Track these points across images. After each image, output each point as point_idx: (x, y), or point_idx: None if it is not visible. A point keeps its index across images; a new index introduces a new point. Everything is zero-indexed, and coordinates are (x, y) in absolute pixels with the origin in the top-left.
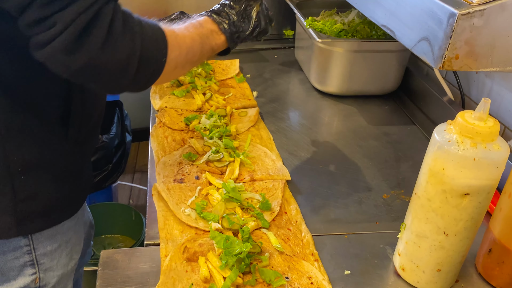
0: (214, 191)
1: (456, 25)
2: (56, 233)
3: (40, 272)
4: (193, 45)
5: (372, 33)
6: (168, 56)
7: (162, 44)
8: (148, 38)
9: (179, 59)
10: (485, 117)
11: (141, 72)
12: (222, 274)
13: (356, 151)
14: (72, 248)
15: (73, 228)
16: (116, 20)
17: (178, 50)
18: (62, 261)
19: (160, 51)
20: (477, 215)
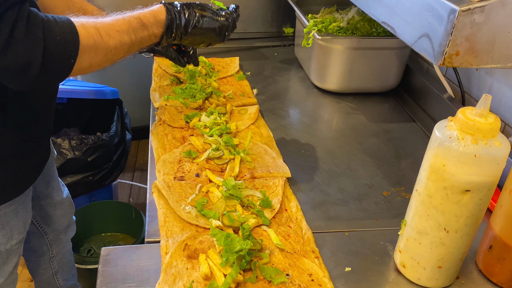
0: (215, 189)
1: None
2: None
3: None
4: (116, 48)
5: (372, 30)
6: (79, 57)
7: (71, 47)
8: (54, 42)
9: (94, 59)
10: (486, 114)
11: (45, 73)
12: (223, 271)
13: (356, 149)
14: (12, 229)
15: (11, 213)
16: (18, 26)
17: (93, 51)
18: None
19: (67, 53)
20: (478, 211)
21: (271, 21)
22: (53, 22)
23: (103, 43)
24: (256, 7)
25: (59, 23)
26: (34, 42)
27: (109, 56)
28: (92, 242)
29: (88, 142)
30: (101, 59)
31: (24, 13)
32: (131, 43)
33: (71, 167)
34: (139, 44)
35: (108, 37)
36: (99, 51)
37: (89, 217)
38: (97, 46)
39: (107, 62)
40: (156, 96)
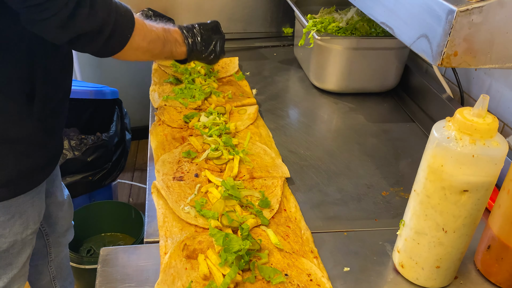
0: (214, 189)
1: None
2: (9, 205)
3: None
4: (156, 39)
5: (371, 31)
6: (132, 35)
7: (131, 23)
8: (121, 16)
9: (141, 43)
10: (484, 114)
11: (110, 40)
12: (222, 271)
13: (355, 149)
14: (28, 219)
15: (29, 202)
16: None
17: (142, 35)
18: (15, 229)
19: (128, 28)
20: (476, 211)
21: (270, 21)
22: (119, 3)
23: (148, 32)
24: (255, 7)
25: (122, 4)
26: (109, 10)
27: (151, 46)
28: (91, 242)
29: (87, 142)
30: (145, 46)
31: None
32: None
33: (71, 167)
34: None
35: (150, 28)
36: (146, 38)
37: (88, 217)
38: (144, 33)
39: (149, 53)
40: (155, 96)
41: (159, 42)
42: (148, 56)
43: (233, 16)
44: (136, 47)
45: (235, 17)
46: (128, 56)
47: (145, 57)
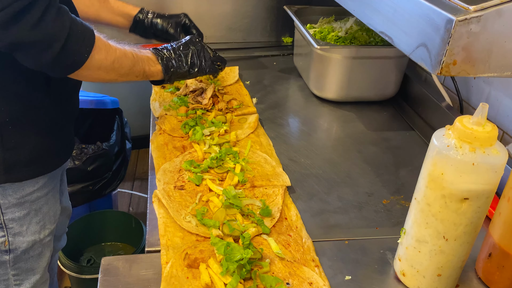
0: (215, 198)
1: (453, 31)
2: (24, 201)
3: (9, 236)
4: (122, 57)
5: (370, 40)
6: (92, 54)
7: (88, 43)
8: (76, 33)
9: (103, 63)
10: (483, 122)
11: (61, 58)
12: (223, 281)
13: (356, 157)
14: (44, 217)
15: (43, 198)
16: (50, 11)
17: (104, 54)
18: (32, 228)
19: (84, 47)
20: (477, 219)
21: (270, 31)
22: (78, 21)
23: (112, 51)
24: (255, 17)
25: (83, 23)
26: (61, 27)
27: (115, 65)
28: (91, 251)
29: (88, 151)
30: (109, 65)
31: (55, 3)
32: (133, 59)
33: (71, 176)
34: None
35: (115, 48)
36: (108, 57)
37: (88, 227)
38: (107, 51)
39: (114, 72)
40: (156, 106)
41: (126, 61)
42: (114, 76)
43: (233, 26)
44: (97, 66)
45: (235, 27)
46: (90, 76)
47: (111, 77)
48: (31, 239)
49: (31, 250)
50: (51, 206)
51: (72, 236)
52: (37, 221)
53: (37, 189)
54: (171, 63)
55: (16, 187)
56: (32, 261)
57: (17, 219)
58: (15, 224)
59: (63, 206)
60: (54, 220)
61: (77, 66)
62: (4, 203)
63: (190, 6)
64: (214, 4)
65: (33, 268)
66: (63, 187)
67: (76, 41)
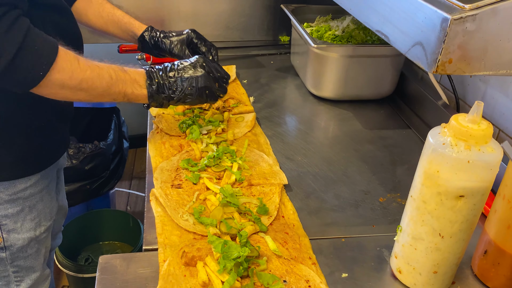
0: (212, 196)
1: (449, 29)
2: (17, 197)
3: (3, 232)
4: (94, 79)
5: (367, 39)
6: (50, 73)
7: (45, 60)
8: (30, 49)
9: (67, 82)
10: (479, 120)
11: (10, 72)
12: (220, 278)
13: (352, 155)
14: (39, 214)
15: (38, 195)
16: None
17: (68, 74)
18: (27, 225)
19: (39, 64)
20: (472, 217)
21: (267, 30)
22: (39, 35)
23: (79, 71)
24: (252, 16)
25: (44, 38)
26: (11, 41)
27: (84, 85)
28: (89, 251)
29: (85, 150)
30: (75, 85)
31: (11, 15)
32: (111, 80)
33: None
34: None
35: (86, 67)
36: (74, 77)
37: (86, 226)
38: (72, 71)
39: (83, 92)
40: None
41: (100, 81)
42: (85, 96)
43: (230, 25)
44: (60, 85)
45: (232, 26)
46: (52, 94)
47: (80, 97)
48: (27, 236)
49: (28, 247)
50: (46, 203)
51: (70, 235)
52: (31, 218)
53: (29, 186)
54: (162, 88)
55: (7, 184)
56: (31, 259)
57: (11, 215)
58: (9, 221)
59: (59, 205)
60: (51, 217)
61: (31, 84)
62: None
63: (188, 5)
64: (211, 2)
65: (33, 266)
66: (60, 185)
67: (29, 57)
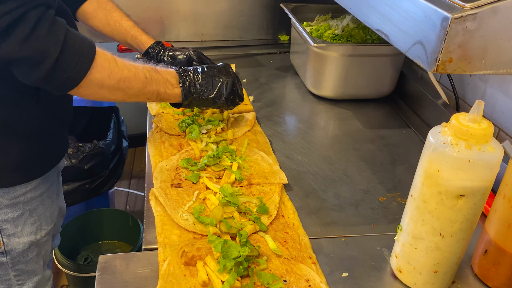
0: (212, 196)
1: (449, 28)
2: (17, 202)
3: (4, 237)
4: (131, 78)
5: (367, 38)
6: (91, 72)
7: (86, 59)
8: (72, 48)
9: (106, 81)
10: (479, 119)
11: (55, 73)
12: (220, 278)
13: (352, 155)
14: (40, 218)
15: (38, 199)
16: (42, 25)
17: (106, 72)
18: (27, 229)
19: (80, 63)
20: (473, 216)
21: (266, 29)
22: (77, 34)
23: (117, 70)
24: (252, 15)
25: (82, 38)
26: (54, 41)
27: (121, 85)
28: (88, 250)
29: (84, 150)
30: (113, 85)
31: (48, 16)
32: (146, 80)
33: (68, 175)
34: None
35: (123, 66)
36: (112, 76)
37: (85, 225)
38: (111, 70)
39: (120, 92)
40: (152, 104)
41: (136, 81)
42: (121, 96)
43: (229, 24)
44: (99, 85)
45: (231, 25)
46: (91, 95)
47: (117, 97)
48: (27, 240)
49: (29, 251)
50: (47, 207)
51: (69, 234)
52: (32, 222)
53: (29, 190)
54: (194, 89)
55: (7, 189)
56: (32, 263)
57: (11, 220)
58: (9, 225)
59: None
60: (51, 221)
61: (73, 84)
62: None
63: (187, 4)
64: (211, 2)
65: (34, 269)
66: (58, 187)
67: (71, 57)
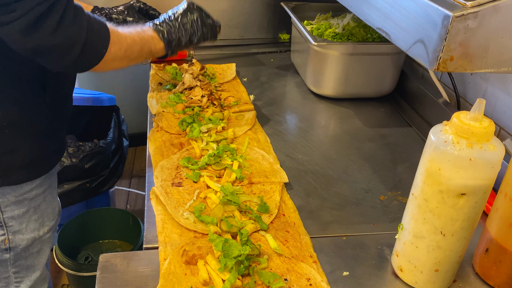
0: (212, 194)
1: (450, 27)
2: (23, 199)
3: (9, 234)
4: (132, 45)
5: (368, 36)
6: (108, 49)
7: (105, 39)
8: (94, 32)
9: (118, 54)
10: (480, 118)
11: (83, 56)
12: (221, 277)
13: (353, 153)
14: (43, 214)
15: (41, 196)
16: (67, 13)
17: (118, 46)
18: (31, 225)
19: (102, 43)
20: (474, 215)
21: (267, 28)
22: (93, 18)
23: (123, 40)
24: (252, 14)
25: (96, 19)
26: (80, 28)
27: (127, 53)
28: (89, 249)
29: (85, 149)
30: (122, 55)
31: (71, 4)
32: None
33: (68, 174)
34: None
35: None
36: (122, 47)
37: (86, 224)
38: (120, 43)
39: (126, 59)
40: (153, 103)
41: (135, 46)
42: (126, 63)
43: (230, 23)
44: (112, 58)
45: (232, 24)
46: (105, 68)
47: (123, 65)
48: (31, 237)
49: (31, 247)
50: (49, 203)
51: (70, 233)
52: (36, 218)
53: (35, 187)
54: (172, 37)
55: (15, 186)
56: (32, 258)
57: (17, 217)
58: (15, 222)
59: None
60: (53, 217)
61: (96, 62)
62: (3, 201)
63: None
64: (211, 1)
65: (33, 265)
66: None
67: (94, 39)
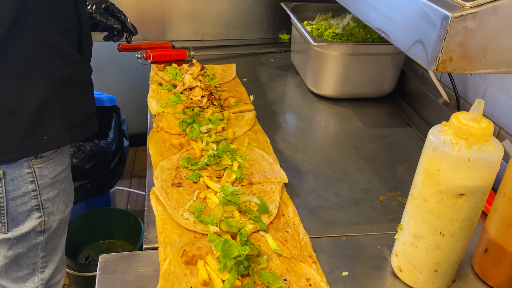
0: (212, 195)
1: (449, 27)
2: (56, 181)
3: (45, 216)
4: None
5: (367, 37)
6: None
7: None
8: None
9: None
10: (479, 118)
11: None
12: (221, 277)
13: (353, 154)
14: (67, 197)
15: (67, 178)
16: None
17: None
18: (60, 207)
19: None
20: (473, 215)
21: (267, 28)
22: None
23: None
24: (252, 14)
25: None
26: None
27: None
28: (89, 249)
29: (85, 149)
30: None
31: None
32: None
33: None
34: None
35: None
36: None
37: (87, 224)
38: None
39: None
40: (153, 103)
41: None
42: None
43: (230, 23)
44: None
45: (232, 24)
46: None
47: None
48: (60, 218)
49: (58, 229)
50: (70, 185)
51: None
52: (63, 200)
53: (64, 169)
54: None
55: (51, 168)
56: (57, 240)
57: (51, 199)
58: (50, 204)
59: None
60: (72, 199)
61: None
62: (41, 183)
63: (187, 4)
64: (211, 1)
65: (57, 246)
66: None
67: None
